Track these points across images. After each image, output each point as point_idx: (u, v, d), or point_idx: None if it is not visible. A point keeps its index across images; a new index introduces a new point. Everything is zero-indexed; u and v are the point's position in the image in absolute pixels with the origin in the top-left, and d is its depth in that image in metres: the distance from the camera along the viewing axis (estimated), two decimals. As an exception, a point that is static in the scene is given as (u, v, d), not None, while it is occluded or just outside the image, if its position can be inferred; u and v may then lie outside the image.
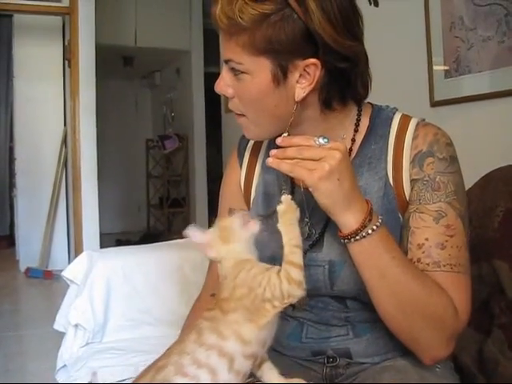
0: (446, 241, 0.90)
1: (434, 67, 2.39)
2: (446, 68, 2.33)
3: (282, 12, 0.85)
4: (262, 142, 1.12)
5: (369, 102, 1.03)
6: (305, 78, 0.90)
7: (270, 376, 0.89)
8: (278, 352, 1.05)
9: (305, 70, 0.89)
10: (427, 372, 0.93)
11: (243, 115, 0.97)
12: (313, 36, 0.86)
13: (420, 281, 0.87)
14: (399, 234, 0.95)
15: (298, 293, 0.80)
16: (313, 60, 0.88)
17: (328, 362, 1.00)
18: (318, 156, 0.82)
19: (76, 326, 1.46)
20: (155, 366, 0.85)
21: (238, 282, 0.83)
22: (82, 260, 1.55)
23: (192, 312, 1.15)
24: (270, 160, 0.84)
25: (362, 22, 0.93)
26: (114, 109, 7.07)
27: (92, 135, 4.21)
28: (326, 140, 0.83)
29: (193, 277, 1.60)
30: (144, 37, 5.64)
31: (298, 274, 0.79)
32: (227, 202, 1.14)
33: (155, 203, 7.09)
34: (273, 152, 0.84)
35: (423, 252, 0.90)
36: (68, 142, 5.03)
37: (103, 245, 4.39)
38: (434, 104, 2.39)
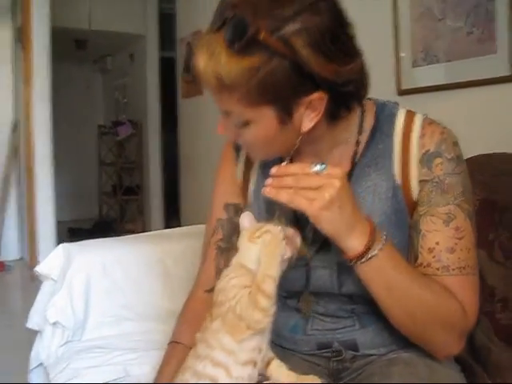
0: (456, 244, 0.91)
1: (401, 55, 2.40)
2: (414, 57, 2.34)
3: (271, 62, 0.79)
4: None
5: (369, 98, 1.00)
6: (311, 109, 0.86)
7: (280, 373, 0.87)
8: (280, 346, 1.03)
9: (310, 103, 0.85)
10: (434, 362, 0.95)
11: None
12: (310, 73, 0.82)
13: (428, 290, 0.88)
14: (407, 234, 0.95)
15: (261, 323, 0.78)
16: (316, 94, 0.83)
17: (333, 356, 1.00)
18: (316, 185, 0.80)
19: (54, 323, 1.40)
20: None
21: (220, 286, 0.83)
22: (57, 254, 1.48)
23: (185, 312, 1.09)
24: (267, 190, 0.82)
25: (352, 26, 0.88)
26: (65, 93, 6.82)
27: (47, 122, 4.08)
28: (323, 166, 0.81)
29: (174, 270, 1.57)
30: (98, 20, 5.47)
31: (265, 302, 0.78)
32: (223, 196, 1.11)
33: (108, 191, 6.95)
34: (268, 181, 0.82)
35: (434, 256, 0.91)
36: (20, 129, 4.85)
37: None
38: (402, 92, 2.41)
